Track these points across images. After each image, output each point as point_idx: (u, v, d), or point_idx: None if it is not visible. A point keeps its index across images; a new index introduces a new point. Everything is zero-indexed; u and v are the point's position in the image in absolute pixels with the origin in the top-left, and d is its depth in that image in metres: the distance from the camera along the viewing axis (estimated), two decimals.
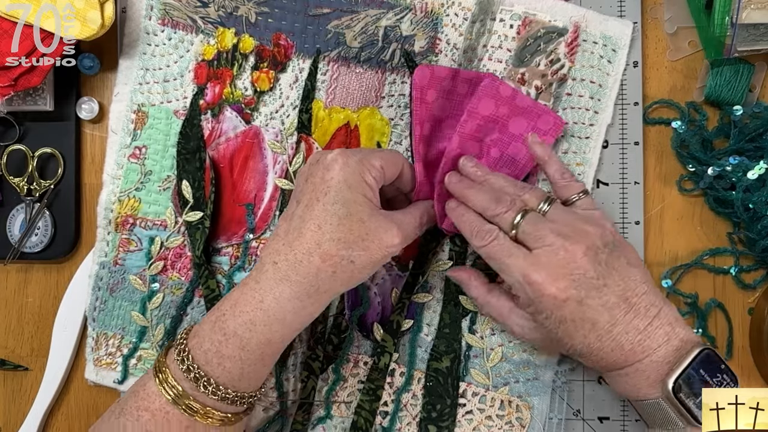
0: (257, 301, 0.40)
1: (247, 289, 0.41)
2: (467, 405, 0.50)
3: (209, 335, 0.41)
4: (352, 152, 0.42)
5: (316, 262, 0.40)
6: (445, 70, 0.48)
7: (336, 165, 0.41)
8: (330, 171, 0.41)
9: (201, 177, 0.52)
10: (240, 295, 0.41)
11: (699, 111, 0.51)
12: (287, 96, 0.52)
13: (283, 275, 0.40)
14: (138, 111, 0.53)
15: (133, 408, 0.41)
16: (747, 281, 0.51)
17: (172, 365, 0.41)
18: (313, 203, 0.41)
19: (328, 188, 0.41)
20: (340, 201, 0.40)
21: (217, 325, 0.41)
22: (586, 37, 0.50)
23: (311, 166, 0.42)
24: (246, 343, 0.40)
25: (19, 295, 0.55)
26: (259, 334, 0.40)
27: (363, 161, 0.41)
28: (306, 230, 0.40)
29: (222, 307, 0.42)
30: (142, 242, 0.52)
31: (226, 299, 0.42)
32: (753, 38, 0.47)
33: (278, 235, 0.42)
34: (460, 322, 0.51)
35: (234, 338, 0.40)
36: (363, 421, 0.50)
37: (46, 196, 0.53)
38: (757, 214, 0.48)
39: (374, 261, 0.41)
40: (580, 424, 0.51)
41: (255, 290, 0.41)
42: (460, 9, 0.51)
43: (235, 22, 0.52)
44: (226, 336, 0.40)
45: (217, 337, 0.41)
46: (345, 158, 0.41)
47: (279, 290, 0.40)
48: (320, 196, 0.41)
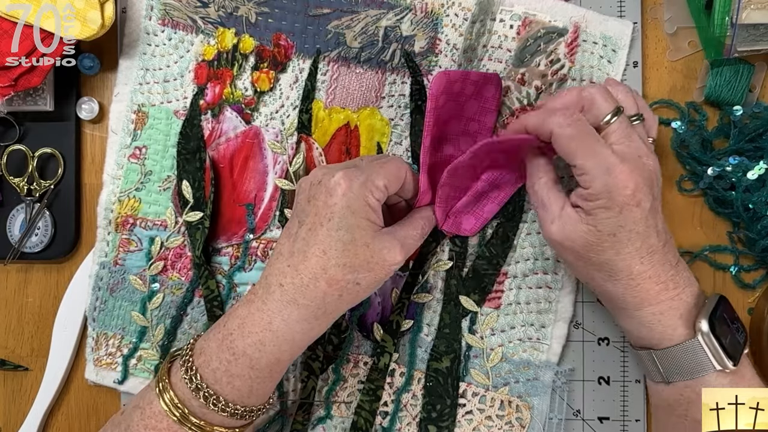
0: (266, 322, 0.41)
1: (254, 309, 0.41)
2: (467, 405, 0.50)
3: (217, 354, 0.41)
4: (356, 174, 0.41)
5: (323, 287, 0.40)
6: (458, 74, 0.46)
7: (339, 190, 0.40)
8: (333, 196, 0.40)
9: (201, 177, 0.52)
10: (247, 315, 0.41)
11: (699, 111, 0.51)
12: (287, 96, 0.52)
13: (290, 298, 0.40)
14: (138, 111, 0.53)
15: (141, 427, 0.41)
16: (747, 281, 0.51)
17: (178, 384, 0.41)
18: (316, 227, 0.40)
19: (332, 214, 0.40)
20: (344, 227, 0.40)
21: (225, 345, 0.41)
22: (586, 38, 0.50)
23: (313, 187, 0.42)
24: (255, 363, 0.41)
25: (19, 295, 0.55)
26: (269, 354, 0.41)
27: (366, 184, 0.41)
28: (311, 255, 0.40)
29: (228, 326, 0.42)
30: (142, 242, 0.52)
31: (232, 317, 0.42)
32: (753, 38, 0.47)
33: (282, 255, 0.42)
34: (460, 322, 0.51)
35: (243, 358, 0.41)
36: (363, 421, 0.50)
37: (46, 196, 0.53)
38: (757, 214, 0.48)
39: (379, 279, 0.42)
40: (580, 424, 0.51)
41: (263, 311, 0.41)
42: (460, 9, 0.51)
43: (235, 23, 0.52)
44: (236, 356, 0.41)
45: (226, 356, 0.41)
46: (348, 182, 0.40)
47: (287, 312, 0.40)
48: (324, 222, 0.40)
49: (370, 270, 0.41)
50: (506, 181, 0.49)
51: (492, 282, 0.51)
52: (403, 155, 0.51)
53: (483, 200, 0.50)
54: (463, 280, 0.51)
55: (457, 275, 0.51)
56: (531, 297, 0.50)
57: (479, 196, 0.50)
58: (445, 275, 0.51)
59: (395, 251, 0.41)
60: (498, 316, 0.51)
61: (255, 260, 0.52)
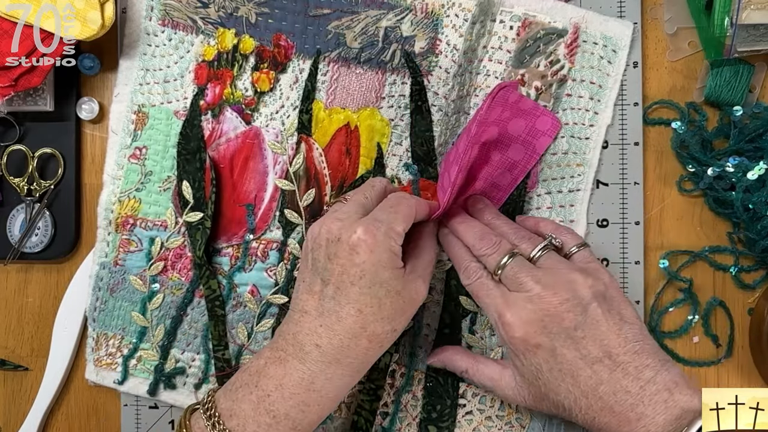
0: (308, 382, 0.40)
1: (291, 369, 0.40)
2: (467, 405, 0.50)
3: (254, 417, 0.39)
4: (376, 226, 0.40)
5: (364, 344, 0.40)
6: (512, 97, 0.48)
7: (364, 246, 0.39)
8: (360, 254, 0.39)
9: (201, 177, 0.52)
10: (284, 376, 0.40)
11: (699, 111, 0.51)
12: (287, 97, 0.52)
13: (332, 358, 0.40)
14: (138, 111, 0.53)
15: None
16: (747, 281, 0.51)
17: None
18: (347, 287, 0.40)
19: (363, 272, 0.39)
20: (378, 283, 0.40)
21: (263, 407, 0.39)
22: (586, 38, 0.50)
23: (332, 245, 0.40)
24: (298, 424, 0.40)
25: (19, 295, 0.55)
26: (312, 414, 0.40)
27: (389, 233, 0.40)
28: (345, 315, 0.40)
29: (263, 387, 0.40)
30: (143, 243, 0.52)
31: (264, 377, 0.40)
32: (753, 38, 0.47)
33: (308, 313, 0.41)
34: (460, 322, 0.51)
35: (286, 420, 0.39)
36: (363, 422, 0.50)
37: (46, 196, 0.53)
38: (757, 214, 0.48)
39: (410, 317, 0.42)
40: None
41: (302, 371, 0.40)
42: (460, 10, 0.51)
43: (235, 23, 0.52)
44: (276, 419, 0.39)
45: (266, 420, 0.39)
46: (372, 238, 0.39)
47: (330, 372, 0.40)
48: (354, 280, 0.39)
49: (403, 314, 0.41)
50: (504, 179, 0.49)
51: None
52: (403, 155, 0.51)
53: None
54: None
55: (457, 275, 0.51)
56: None
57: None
58: (445, 275, 0.51)
59: (422, 288, 0.42)
60: None
61: (255, 260, 0.52)
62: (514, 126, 0.49)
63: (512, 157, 0.49)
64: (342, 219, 0.41)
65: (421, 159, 0.51)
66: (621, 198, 0.51)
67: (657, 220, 0.52)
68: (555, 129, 0.50)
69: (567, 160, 0.51)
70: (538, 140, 0.49)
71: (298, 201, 0.52)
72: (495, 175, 0.50)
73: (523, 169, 0.49)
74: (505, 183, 0.50)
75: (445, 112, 0.51)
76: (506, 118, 0.49)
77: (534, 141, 0.49)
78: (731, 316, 0.51)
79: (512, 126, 0.49)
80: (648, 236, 0.52)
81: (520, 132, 0.49)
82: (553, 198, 0.51)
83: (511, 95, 0.49)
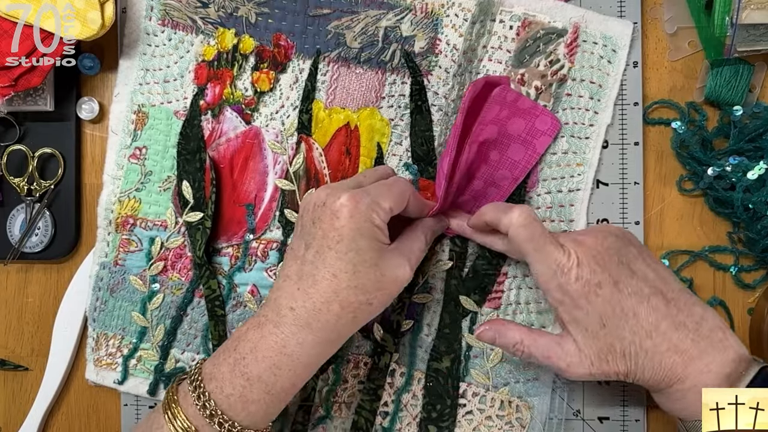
0: (280, 346, 0.40)
1: (266, 333, 0.40)
2: (467, 405, 0.50)
3: (230, 380, 0.40)
4: (361, 196, 0.40)
5: (336, 310, 0.40)
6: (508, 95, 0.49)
7: (345, 211, 0.40)
8: (340, 218, 0.40)
9: (201, 177, 0.52)
10: (260, 339, 0.40)
11: (699, 111, 0.51)
12: (287, 96, 0.52)
13: (304, 322, 0.40)
14: (138, 111, 0.53)
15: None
16: (747, 281, 0.51)
17: (190, 409, 0.40)
18: (324, 251, 0.40)
19: (341, 237, 0.40)
20: (354, 249, 0.40)
21: (238, 370, 0.40)
22: (586, 38, 0.50)
23: (317, 209, 0.41)
24: (271, 388, 0.40)
25: (19, 295, 0.55)
26: (284, 379, 0.40)
27: (372, 206, 0.41)
28: (321, 278, 0.40)
29: (240, 350, 0.41)
30: (143, 243, 0.52)
31: (243, 340, 0.41)
32: (753, 38, 0.47)
33: (290, 277, 0.41)
34: (461, 322, 0.51)
35: (259, 383, 0.40)
36: (363, 421, 0.50)
37: (46, 196, 0.53)
38: (757, 214, 0.48)
39: (390, 297, 0.42)
40: (580, 424, 0.51)
41: (275, 335, 0.40)
42: (460, 10, 0.51)
43: (235, 23, 0.52)
44: (250, 381, 0.40)
45: (240, 382, 0.40)
46: (354, 204, 0.40)
47: (302, 336, 0.40)
48: (332, 245, 0.40)
49: (381, 289, 0.41)
50: (503, 179, 0.49)
51: (492, 282, 0.51)
52: (403, 155, 0.51)
53: (482, 200, 0.50)
54: (463, 280, 0.51)
55: (457, 275, 0.51)
56: (531, 297, 0.50)
57: (477, 195, 0.50)
58: (445, 275, 0.51)
59: (404, 268, 0.42)
60: (498, 316, 0.51)
61: (255, 260, 0.52)
62: (514, 125, 0.49)
63: (512, 157, 0.49)
64: (332, 187, 0.42)
65: (421, 159, 0.51)
66: (621, 198, 0.51)
67: (657, 220, 0.52)
68: (555, 128, 0.50)
69: (567, 160, 0.51)
70: (538, 140, 0.49)
71: (298, 201, 0.52)
72: (495, 175, 0.50)
73: (523, 168, 0.49)
74: (505, 183, 0.50)
75: (445, 112, 0.51)
76: (505, 117, 0.49)
77: (534, 140, 0.49)
78: (731, 315, 0.51)
79: (512, 125, 0.49)
80: (648, 236, 0.52)
81: (519, 131, 0.49)
82: (553, 198, 0.51)
83: (508, 94, 0.49)
